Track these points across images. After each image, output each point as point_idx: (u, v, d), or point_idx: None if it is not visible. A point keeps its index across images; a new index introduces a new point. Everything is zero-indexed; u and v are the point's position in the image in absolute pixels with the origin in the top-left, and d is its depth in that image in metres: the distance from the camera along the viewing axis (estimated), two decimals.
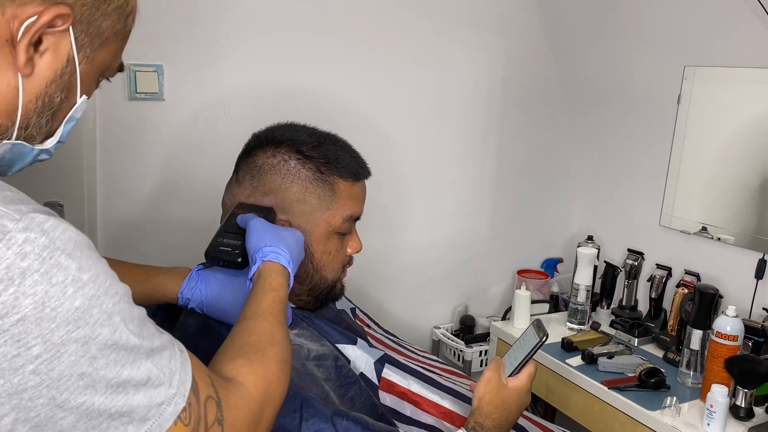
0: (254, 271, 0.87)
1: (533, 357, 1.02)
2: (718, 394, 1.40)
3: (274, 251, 0.88)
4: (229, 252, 0.93)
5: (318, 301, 1.08)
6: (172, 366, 0.62)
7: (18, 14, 0.59)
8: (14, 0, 0.59)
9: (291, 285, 0.89)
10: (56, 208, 1.51)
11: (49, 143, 0.67)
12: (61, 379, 0.53)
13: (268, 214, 0.97)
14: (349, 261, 1.11)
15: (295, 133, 1.04)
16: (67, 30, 0.62)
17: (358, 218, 1.08)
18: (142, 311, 0.63)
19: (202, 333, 0.95)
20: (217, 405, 0.65)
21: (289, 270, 0.88)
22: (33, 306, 0.51)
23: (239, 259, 0.92)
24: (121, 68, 0.74)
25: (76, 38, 0.63)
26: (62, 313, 0.53)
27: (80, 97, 0.67)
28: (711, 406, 1.41)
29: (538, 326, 1.04)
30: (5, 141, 0.63)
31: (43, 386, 0.52)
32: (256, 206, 0.99)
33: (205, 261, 0.97)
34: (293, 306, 1.05)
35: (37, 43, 0.61)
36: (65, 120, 0.68)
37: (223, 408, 0.66)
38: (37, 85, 0.63)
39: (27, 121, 0.63)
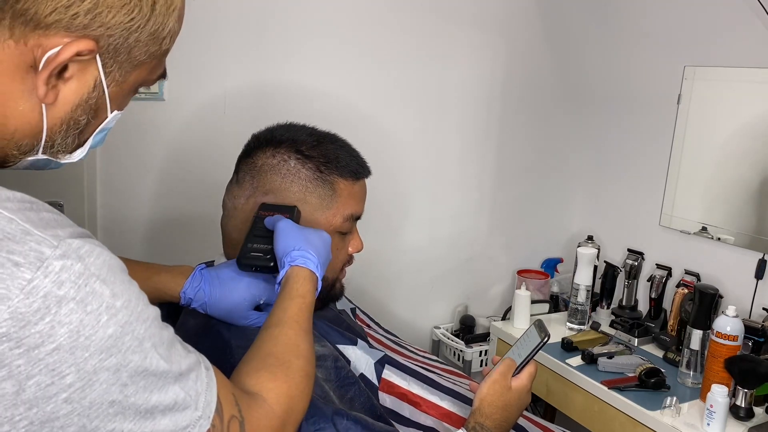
0: (282, 275, 0.86)
1: (534, 357, 1.02)
2: (718, 394, 1.40)
3: (302, 255, 0.87)
4: (260, 257, 0.91)
5: (318, 301, 1.08)
6: (198, 387, 0.62)
7: (42, 43, 0.57)
8: (37, 27, 0.57)
9: (319, 289, 0.88)
10: (56, 207, 1.51)
11: (78, 155, 0.68)
12: (93, 407, 0.53)
13: (293, 212, 0.97)
14: (349, 260, 1.11)
15: (294, 132, 1.04)
16: (94, 59, 0.61)
17: (358, 217, 1.08)
18: (170, 332, 0.62)
19: (202, 333, 0.95)
20: (240, 425, 0.66)
21: (317, 274, 0.87)
22: (68, 335, 0.51)
23: (272, 264, 0.91)
24: (163, 75, 0.74)
25: (104, 64, 0.62)
26: (96, 342, 0.53)
27: (111, 112, 0.67)
28: (711, 406, 1.41)
29: (540, 326, 1.04)
30: (29, 158, 0.63)
31: (74, 414, 0.52)
32: (280, 206, 0.98)
33: (206, 261, 0.97)
34: None
35: (62, 70, 0.60)
36: (96, 133, 0.68)
37: (246, 428, 0.66)
38: (62, 110, 0.62)
39: (52, 141, 0.63)
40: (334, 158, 1.02)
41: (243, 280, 0.96)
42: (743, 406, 1.47)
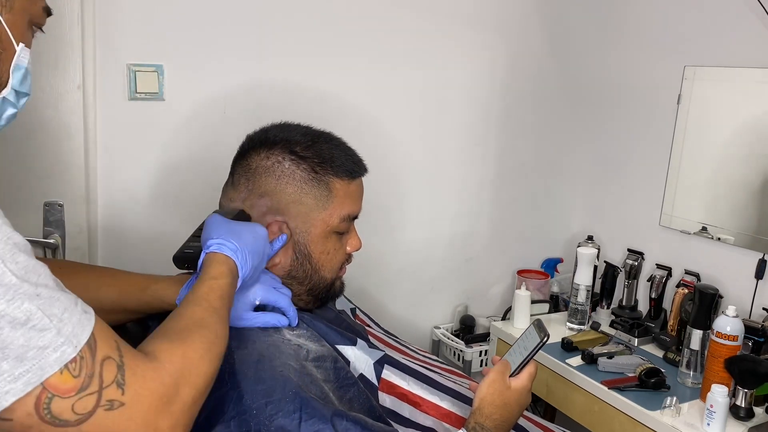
0: (200, 263, 0.88)
1: (534, 357, 1.02)
2: (718, 394, 1.40)
3: (218, 242, 0.88)
4: (190, 254, 0.94)
5: (318, 300, 1.08)
6: (64, 317, 0.62)
7: None
8: None
9: (244, 274, 0.88)
10: (56, 207, 1.51)
11: (4, 93, 0.71)
12: None
13: (240, 215, 0.99)
14: (348, 259, 1.10)
15: (288, 133, 1.04)
16: None
17: (356, 217, 1.08)
18: (41, 266, 0.63)
19: None
20: (119, 367, 0.64)
21: (235, 259, 0.87)
22: None
23: (192, 253, 0.94)
24: (48, 12, 0.76)
25: None
26: None
27: (17, 45, 0.71)
28: (711, 406, 1.41)
29: (539, 326, 1.04)
30: None
31: None
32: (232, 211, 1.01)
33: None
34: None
35: None
36: (12, 69, 0.71)
37: (126, 372, 0.65)
38: None
39: None
40: (329, 158, 1.02)
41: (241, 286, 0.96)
42: (743, 406, 1.47)
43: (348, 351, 1.04)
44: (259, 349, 0.90)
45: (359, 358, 1.04)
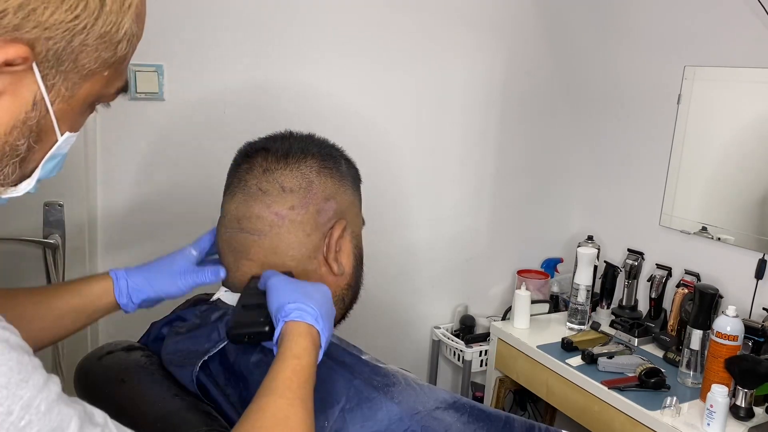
0: (277, 334, 0.75)
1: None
2: (718, 394, 1.40)
3: (297, 308, 0.75)
4: (252, 322, 0.78)
5: (347, 312, 1.01)
6: None
7: None
8: None
9: (324, 345, 0.77)
10: (56, 207, 1.51)
11: (24, 188, 0.58)
12: None
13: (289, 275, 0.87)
14: None
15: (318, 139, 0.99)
16: (30, 69, 0.50)
17: None
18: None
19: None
20: None
21: (318, 328, 0.76)
22: None
23: (266, 328, 0.77)
24: (124, 89, 0.63)
25: (44, 77, 0.52)
26: None
27: (61, 135, 0.57)
28: (711, 406, 1.41)
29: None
30: None
31: None
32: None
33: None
34: None
35: None
36: (45, 160, 0.58)
37: None
38: None
39: None
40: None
41: (165, 263, 0.93)
42: (743, 406, 1.47)
43: None
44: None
45: None
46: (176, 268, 0.92)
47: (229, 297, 0.90)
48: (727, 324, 1.49)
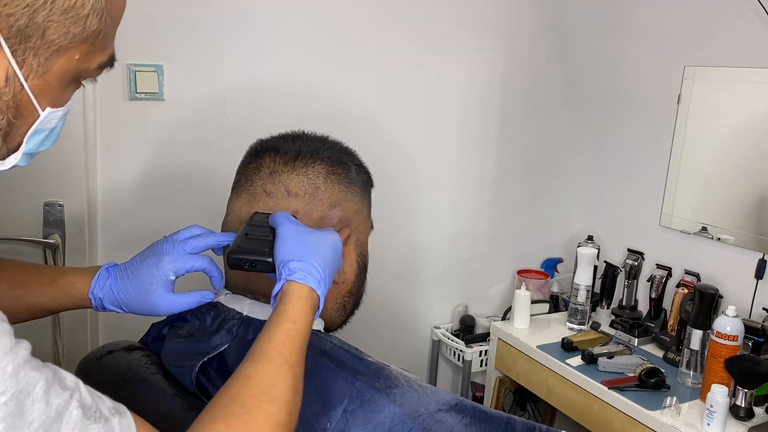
0: (277, 290, 0.74)
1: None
2: (718, 394, 1.40)
3: (302, 268, 0.74)
4: (256, 251, 0.78)
5: (348, 318, 1.00)
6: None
7: None
8: None
9: (321, 308, 0.75)
10: (56, 207, 1.51)
11: (11, 161, 0.59)
12: None
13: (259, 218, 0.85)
14: None
15: (329, 142, 0.96)
16: None
17: None
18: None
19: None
20: None
21: (319, 293, 0.74)
22: None
23: (270, 259, 0.77)
24: (110, 65, 0.63)
25: (13, 53, 0.53)
26: None
27: (42, 111, 0.58)
28: (711, 406, 1.41)
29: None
30: None
31: None
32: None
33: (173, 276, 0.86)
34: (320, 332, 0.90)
35: None
36: (29, 135, 0.59)
37: None
38: None
39: None
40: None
41: (148, 260, 0.85)
42: (743, 406, 1.47)
43: None
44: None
45: None
46: (153, 300, 0.85)
47: (231, 300, 0.89)
48: (727, 324, 1.49)
